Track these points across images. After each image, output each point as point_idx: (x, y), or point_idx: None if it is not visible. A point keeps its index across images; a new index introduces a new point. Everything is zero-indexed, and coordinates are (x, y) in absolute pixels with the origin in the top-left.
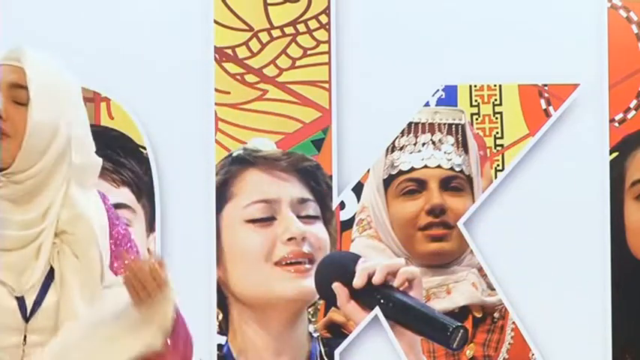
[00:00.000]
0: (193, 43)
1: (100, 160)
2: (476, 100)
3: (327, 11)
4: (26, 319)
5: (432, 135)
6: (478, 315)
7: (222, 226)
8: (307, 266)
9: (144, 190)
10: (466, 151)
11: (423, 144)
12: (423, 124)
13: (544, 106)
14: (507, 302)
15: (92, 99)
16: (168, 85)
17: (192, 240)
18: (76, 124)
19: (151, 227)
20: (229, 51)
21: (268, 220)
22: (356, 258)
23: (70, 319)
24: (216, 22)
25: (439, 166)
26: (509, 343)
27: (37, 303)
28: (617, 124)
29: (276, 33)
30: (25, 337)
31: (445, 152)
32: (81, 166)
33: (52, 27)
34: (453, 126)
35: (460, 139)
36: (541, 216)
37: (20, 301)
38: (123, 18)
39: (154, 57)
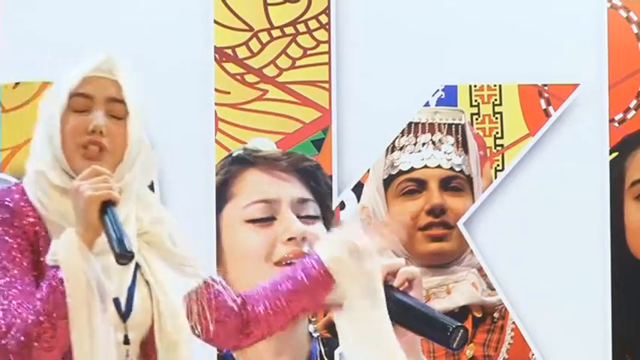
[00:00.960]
0: (193, 43)
1: (155, 158)
2: (476, 100)
3: (327, 11)
4: (123, 319)
5: (432, 135)
6: (478, 315)
7: (222, 226)
8: None
9: None
10: (466, 151)
11: (423, 144)
12: (423, 124)
13: (544, 106)
14: (507, 302)
15: None
16: (168, 85)
17: (193, 240)
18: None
19: None
20: (229, 51)
21: (268, 220)
22: None
23: (168, 313)
24: (216, 22)
25: (439, 166)
26: (509, 343)
27: (129, 302)
28: (617, 124)
29: (276, 33)
30: (125, 335)
31: (445, 152)
32: (148, 170)
33: (52, 27)
34: (453, 126)
35: (460, 139)
36: (541, 216)
37: (116, 302)
38: (123, 18)
39: (154, 57)
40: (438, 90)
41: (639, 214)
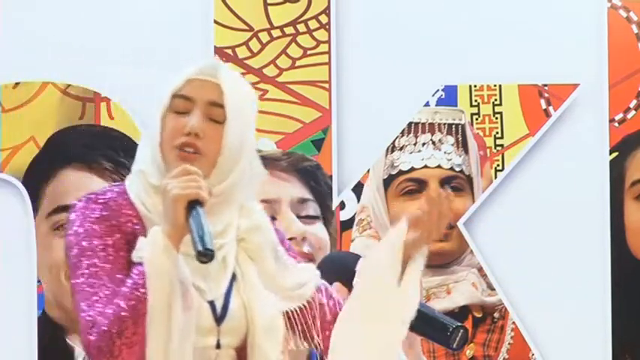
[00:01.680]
0: (193, 43)
1: (264, 172)
2: (476, 100)
3: (327, 11)
4: (217, 323)
5: (432, 135)
6: (478, 315)
7: None
8: None
9: None
10: (466, 151)
11: (423, 144)
12: (423, 124)
13: (544, 106)
14: (507, 302)
15: (92, 99)
16: (168, 86)
17: None
18: (252, 139)
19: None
20: (229, 51)
21: None
22: (356, 258)
23: (262, 330)
24: (216, 22)
25: (439, 166)
26: (509, 343)
27: (225, 307)
28: (617, 124)
29: (276, 33)
30: (218, 340)
31: (445, 152)
32: (252, 178)
33: (52, 27)
34: (453, 126)
35: (460, 139)
36: (541, 216)
37: (212, 305)
38: (123, 18)
39: (154, 57)
40: (438, 90)
41: (639, 214)
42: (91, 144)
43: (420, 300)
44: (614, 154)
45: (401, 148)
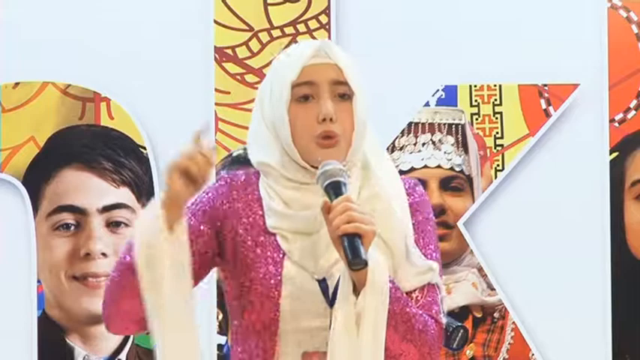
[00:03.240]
0: (193, 43)
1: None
2: (476, 100)
3: (327, 11)
4: (330, 304)
5: (432, 135)
6: (478, 315)
7: None
8: None
9: (144, 190)
10: (466, 151)
11: (423, 144)
12: (423, 124)
13: (544, 106)
14: (507, 302)
15: (92, 99)
16: (168, 85)
17: None
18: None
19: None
20: (229, 51)
21: None
22: None
23: (373, 327)
24: (216, 22)
25: (439, 166)
26: (509, 343)
27: (336, 290)
28: (617, 124)
29: (276, 33)
30: (330, 321)
31: (445, 152)
32: (375, 145)
33: (53, 27)
34: (453, 126)
35: (460, 139)
36: (541, 216)
37: (323, 283)
38: (123, 18)
39: (154, 57)
40: (438, 90)
41: (639, 214)
42: (91, 144)
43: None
44: (614, 154)
45: (401, 148)
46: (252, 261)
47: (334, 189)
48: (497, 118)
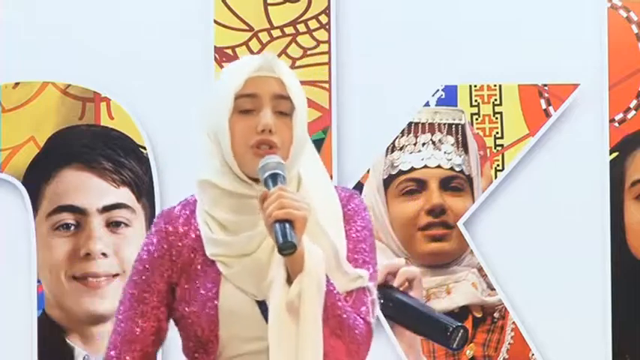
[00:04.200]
0: (193, 43)
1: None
2: (476, 100)
3: (327, 11)
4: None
5: (432, 135)
6: (478, 315)
7: None
8: None
9: (144, 190)
10: (466, 151)
11: (423, 144)
12: (423, 124)
13: (544, 106)
14: (507, 302)
15: (92, 99)
16: (168, 85)
17: None
18: None
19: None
20: (229, 51)
21: None
22: None
23: (313, 312)
24: (216, 22)
25: (439, 166)
26: (509, 343)
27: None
28: (617, 124)
29: (276, 33)
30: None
31: (445, 152)
32: (310, 155)
33: (53, 27)
34: (453, 126)
35: (460, 139)
36: (541, 216)
37: (263, 306)
38: (123, 18)
39: (154, 57)
40: (438, 90)
41: (639, 214)
42: (91, 144)
43: (420, 300)
44: (614, 154)
45: (401, 148)
46: (190, 292)
47: (273, 180)
48: (497, 118)
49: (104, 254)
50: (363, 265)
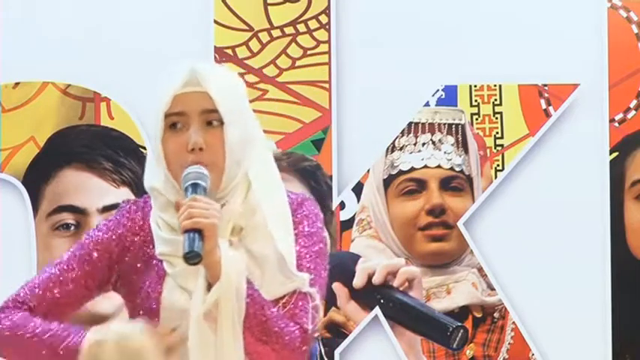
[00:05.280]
0: (193, 43)
1: (273, 146)
2: (476, 100)
3: (327, 11)
4: None
5: (432, 135)
6: (478, 315)
7: None
8: None
9: (144, 190)
10: (466, 151)
11: (423, 144)
12: (423, 124)
13: (544, 106)
14: (507, 302)
15: (92, 99)
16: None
17: None
18: (252, 120)
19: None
20: (229, 51)
21: None
22: (356, 258)
23: (231, 320)
24: (216, 22)
25: (439, 166)
26: (509, 343)
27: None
28: (617, 124)
29: (276, 33)
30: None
31: (445, 152)
32: (260, 160)
33: (52, 27)
34: (453, 126)
35: (460, 139)
36: (541, 216)
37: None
38: (123, 18)
39: (155, 57)
40: (438, 90)
41: (639, 214)
42: (91, 144)
43: (420, 300)
44: (614, 154)
45: (401, 148)
46: (135, 284)
47: (192, 191)
48: (497, 118)
49: None
50: (307, 270)
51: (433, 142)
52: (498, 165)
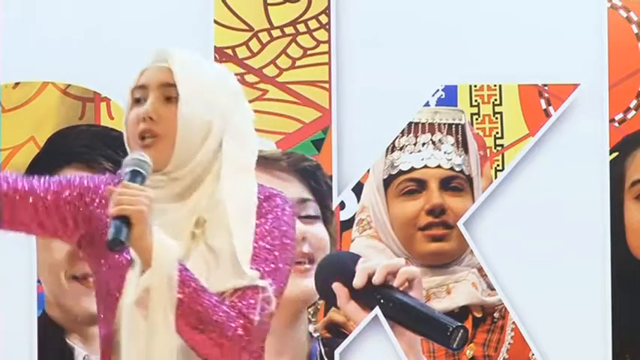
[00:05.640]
0: (193, 43)
1: (255, 150)
2: (476, 100)
3: (327, 11)
4: None
5: (432, 135)
6: (478, 315)
7: None
8: (307, 266)
9: None
10: (466, 151)
11: (423, 144)
12: (423, 124)
13: (544, 106)
14: (507, 302)
15: (92, 99)
16: None
17: None
18: (233, 114)
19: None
20: (229, 51)
21: None
22: (356, 258)
23: (162, 307)
24: (216, 22)
25: (439, 166)
26: (509, 343)
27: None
28: (617, 124)
29: (276, 33)
30: None
31: (445, 152)
32: (234, 154)
33: (52, 27)
34: (453, 126)
35: (460, 139)
36: (541, 216)
37: None
38: (123, 18)
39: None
40: (438, 90)
41: (639, 214)
42: (91, 144)
43: (420, 300)
44: (614, 154)
45: (401, 148)
46: (102, 266)
47: (130, 177)
48: (497, 118)
49: None
50: (261, 263)
51: (433, 142)
52: (498, 165)
